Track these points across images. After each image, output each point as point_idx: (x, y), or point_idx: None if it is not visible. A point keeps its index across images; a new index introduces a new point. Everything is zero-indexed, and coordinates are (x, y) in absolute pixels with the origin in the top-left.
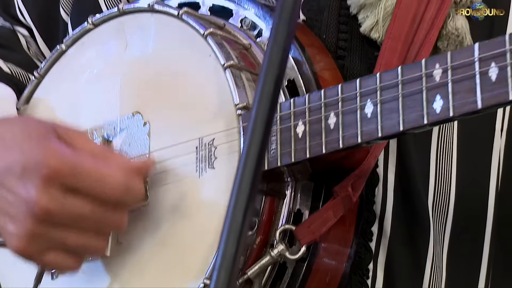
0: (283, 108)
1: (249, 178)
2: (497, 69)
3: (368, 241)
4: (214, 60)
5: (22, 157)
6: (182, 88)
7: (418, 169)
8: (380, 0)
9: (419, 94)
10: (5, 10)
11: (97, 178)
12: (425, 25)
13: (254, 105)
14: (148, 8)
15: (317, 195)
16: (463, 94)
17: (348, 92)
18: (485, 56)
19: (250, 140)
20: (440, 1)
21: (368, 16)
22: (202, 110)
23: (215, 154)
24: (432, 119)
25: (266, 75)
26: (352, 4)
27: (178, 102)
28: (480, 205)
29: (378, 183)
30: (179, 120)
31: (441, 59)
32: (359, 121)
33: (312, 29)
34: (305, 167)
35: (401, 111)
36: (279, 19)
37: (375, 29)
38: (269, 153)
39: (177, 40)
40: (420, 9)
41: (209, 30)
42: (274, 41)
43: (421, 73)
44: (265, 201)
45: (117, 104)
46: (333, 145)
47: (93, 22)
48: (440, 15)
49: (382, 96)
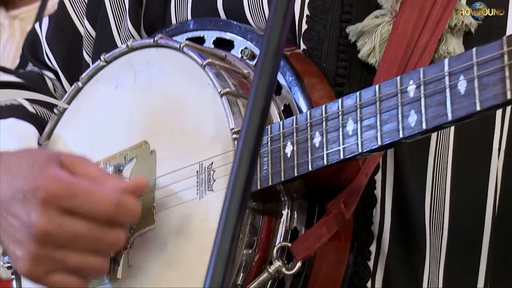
0: (274, 130)
1: (236, 208)
2: (466, 82)
3: (367, 260)
4: (212, 88)
5: (23, 183)
6: (184, 116)
7: (415, 191)
8: (377, 27)
9: (395, 109)
10: (34, 56)
11: (90, 198)
12: (419, 50)
13: (240, 138)
14: (154, 43)
15: (312, 213)
16: (435, 107)
17: (331, 112)
18: (454, 70)
19: (236, 171)
20: (433, 27)
21: (366, 43)
22: (202, 136)
23: (213, 177)
24: (407, 132)
25: (252, 108)
26: (351, 32)
27: (181, 130)
28: (475, 227)
29: (376, 204)
30: (182, 146)
31: (415, 75)
32: (341, 138)
33: (312, 58)
34: (300, 186)
35: (379, 127)
36: (265, 54)
37: (372, 54)
38: (261, 173)
39: (179, 71)
40: (414, 35)
41: (207, 61)
42: (259, 75)
43: (397, 89)
44: (263, 220)
45: (127, 134)
46: (318, 163)
47: (106, 59)
48: (432, 40)
49: (362, 113)
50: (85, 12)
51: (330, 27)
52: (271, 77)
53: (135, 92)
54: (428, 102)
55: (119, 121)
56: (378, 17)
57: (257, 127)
